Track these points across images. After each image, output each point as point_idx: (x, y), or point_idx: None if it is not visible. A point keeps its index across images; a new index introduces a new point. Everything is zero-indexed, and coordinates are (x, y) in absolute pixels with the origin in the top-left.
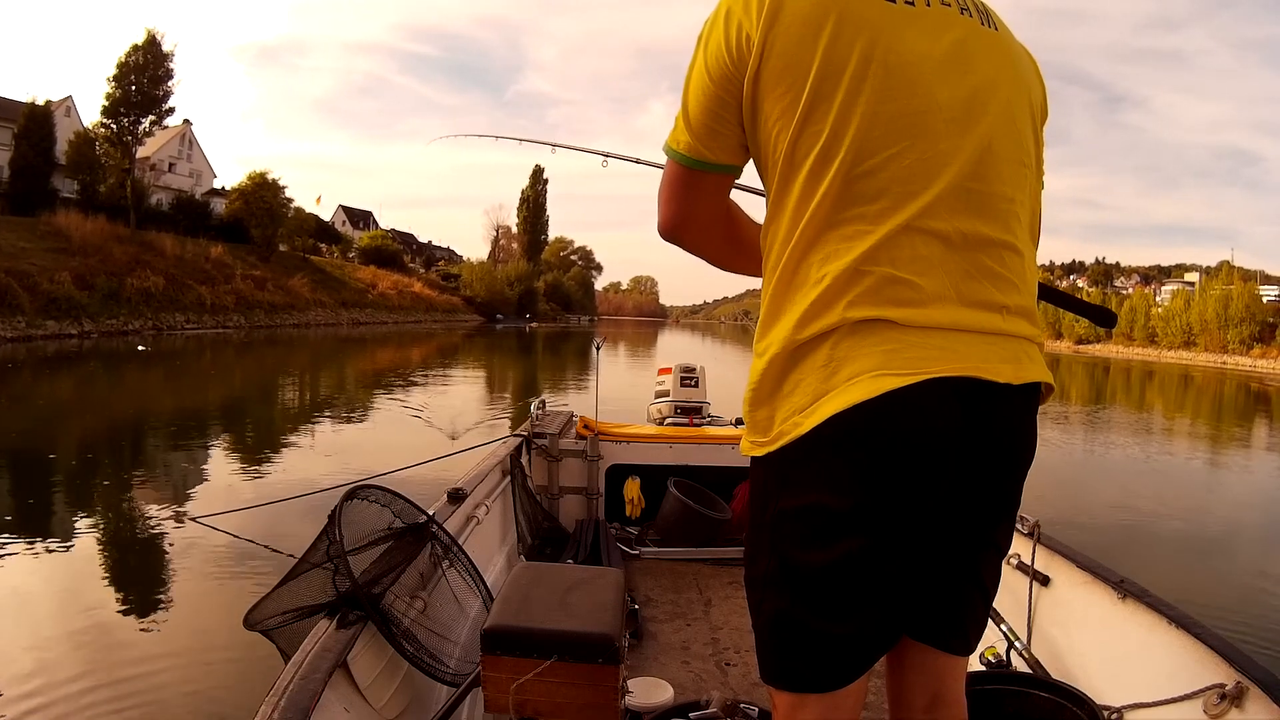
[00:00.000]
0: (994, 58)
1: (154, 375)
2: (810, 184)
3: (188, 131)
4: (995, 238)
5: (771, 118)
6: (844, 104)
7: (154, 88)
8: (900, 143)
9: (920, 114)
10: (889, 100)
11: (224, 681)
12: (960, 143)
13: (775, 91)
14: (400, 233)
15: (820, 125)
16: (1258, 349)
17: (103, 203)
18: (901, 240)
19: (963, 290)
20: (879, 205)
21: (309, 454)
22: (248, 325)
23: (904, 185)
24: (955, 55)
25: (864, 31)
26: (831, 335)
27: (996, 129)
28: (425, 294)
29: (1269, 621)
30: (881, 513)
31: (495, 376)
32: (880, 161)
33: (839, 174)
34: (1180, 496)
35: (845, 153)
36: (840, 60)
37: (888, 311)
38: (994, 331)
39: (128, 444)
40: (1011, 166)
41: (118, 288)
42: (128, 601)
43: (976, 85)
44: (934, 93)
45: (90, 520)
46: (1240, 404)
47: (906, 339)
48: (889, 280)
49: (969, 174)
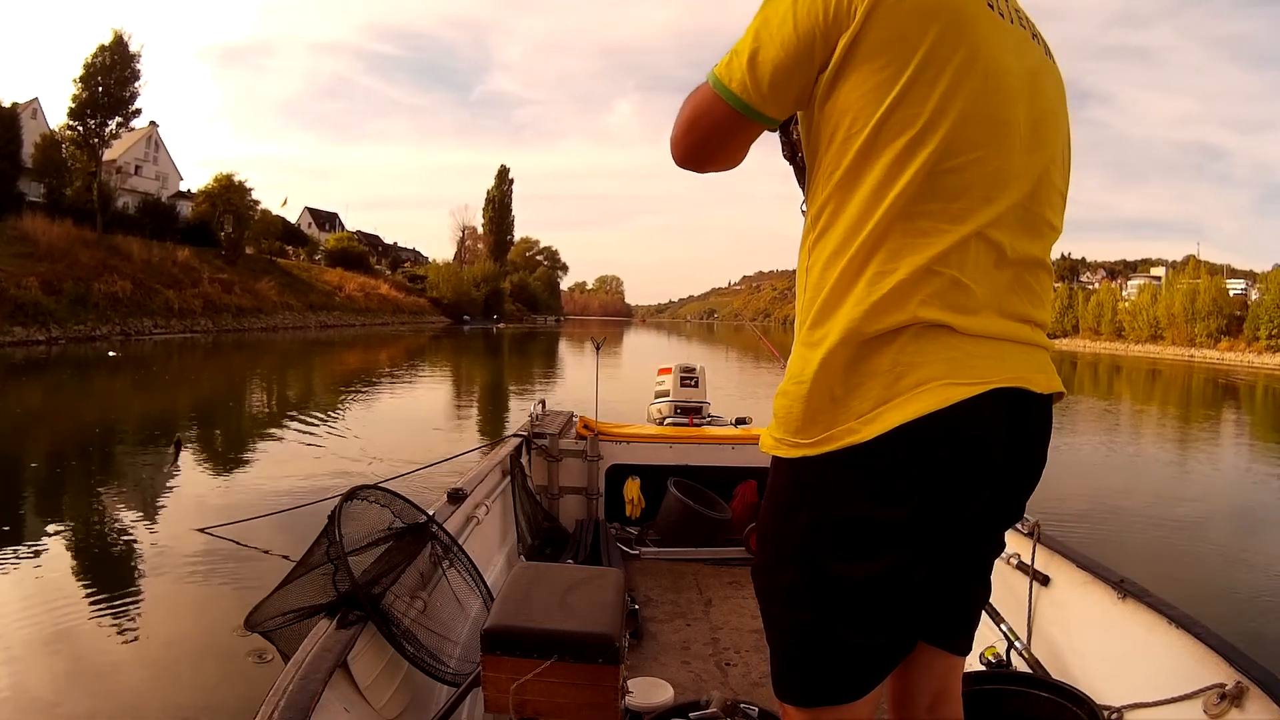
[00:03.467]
0: (1055, 88)
1: (131, 382)
2: (894, 169)
3: (154, 134)
4: (1038, 258)
5: (859, 90)
6: (945, 94)
7: (121, 89)
8: (986, 148)
9: (1005, 125)
10: (984, 104)
11: (224, 682)
12: (1029, 161)
13: (874, 63)
14: (366, 234)
15: (917, 110)
16: (1225, 342)
17: (69, 206)
18: (971, 246)
19: (1004, 303)
20: (958, 205)
21: (304, 459)
22: (215, 329)
23: (983, 191)
24: (1031, 78)
25: (972, 29)
26: (901, 334)
27: (1055, 156)
28: (392, 296)
29: (1269, 621)
30: (930, 525)
31: (472, 378)
32: (966, 162)
33: (926, 165)
34: (1173, 490)
35: (937, 144)
36: (948, 49)
37: (949, 316)
38: (1027, 342)
39: (120, 451)
40: (1057, 195)
41: (85, 293)
42: (128, 604)
43: (1045, 111)
44: (1017, 108)
45: (86, 527)
46: (1209, 395)
47: (966, 346)
48: (954, 284)
49: (1029, 194)
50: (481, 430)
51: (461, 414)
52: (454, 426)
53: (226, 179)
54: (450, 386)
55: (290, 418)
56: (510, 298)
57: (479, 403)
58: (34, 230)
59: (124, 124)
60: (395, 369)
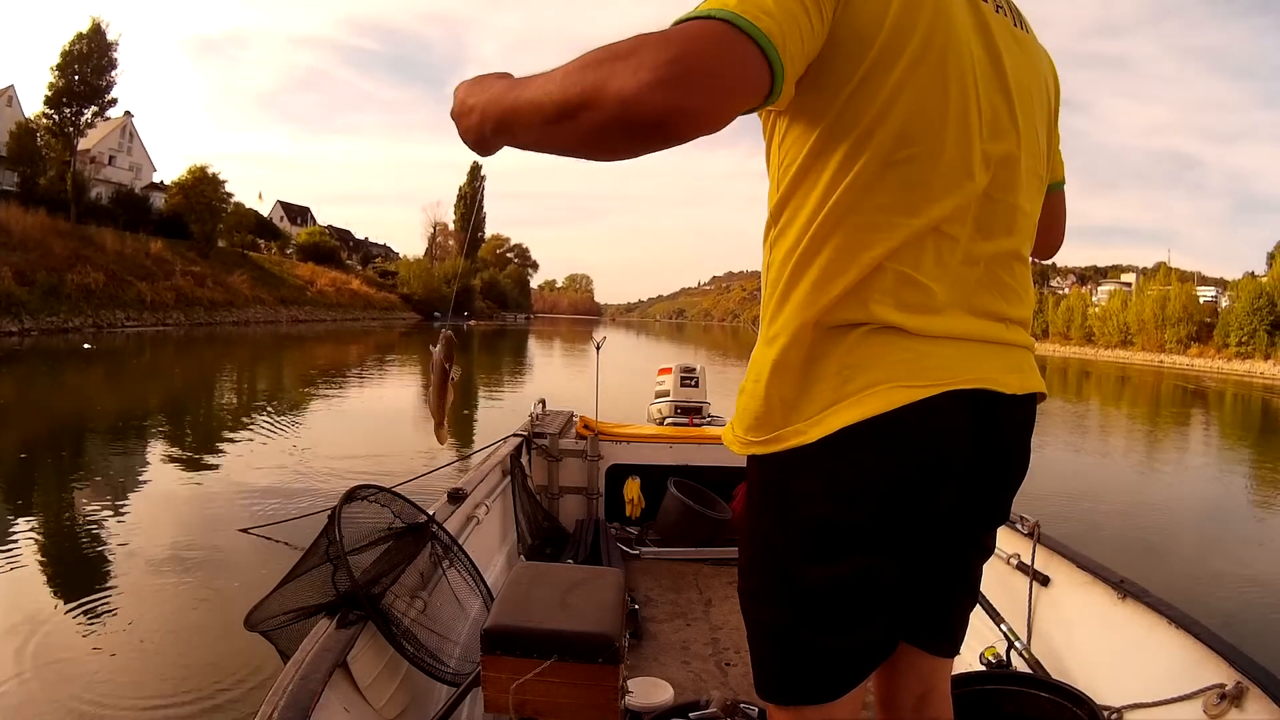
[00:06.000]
0: (1025, 63)
1: (113, 375)
2: (846, 162)
3: (128, 124)
4: (1009, 249)
5: (818, 79)
6: (898, 83)
7: (97, 78)
8: (940, 136)
9: (962, 113)
10: (939, 91)
11: (224, 682)
12: (991, 149)
13: (840, 50)
14: (337, 229)
15: (868, 101)
16: (1195, 348)
17: (42, 196)
18: (927, 242)
19: (973, 300)
20: (912, 198)
21: (301, 459)
22: (188, 323)
23: (940, 182)
24: (994, 57)
25: (930, 11)
26: (850, 334)
27: (1024, 140)
28: (363, 291)
29: (1269, 621)
30: (893, 527)
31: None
32: (918, 152)
33: (876, 157)
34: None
35: (887, 135)
36: (903, 36)
37: (902, 317)
38: (999, 341)
39: (119, 446)
40: (1030, 178)
41: (58, 284)
42: (129, 605)
43: (1010, 91)
44: (976, 93)
45: (88, 525)
46: (1178, 399)
47: (920, 348)
48: (908, 282)
49: (993, 182)
50: (463, 432)
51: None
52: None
53: (200, 171)
54: (418, 388)
55: (279, 414)
56: (481, 295)
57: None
58: (7, 219)
59: (100, 113)
60: (370, 365)
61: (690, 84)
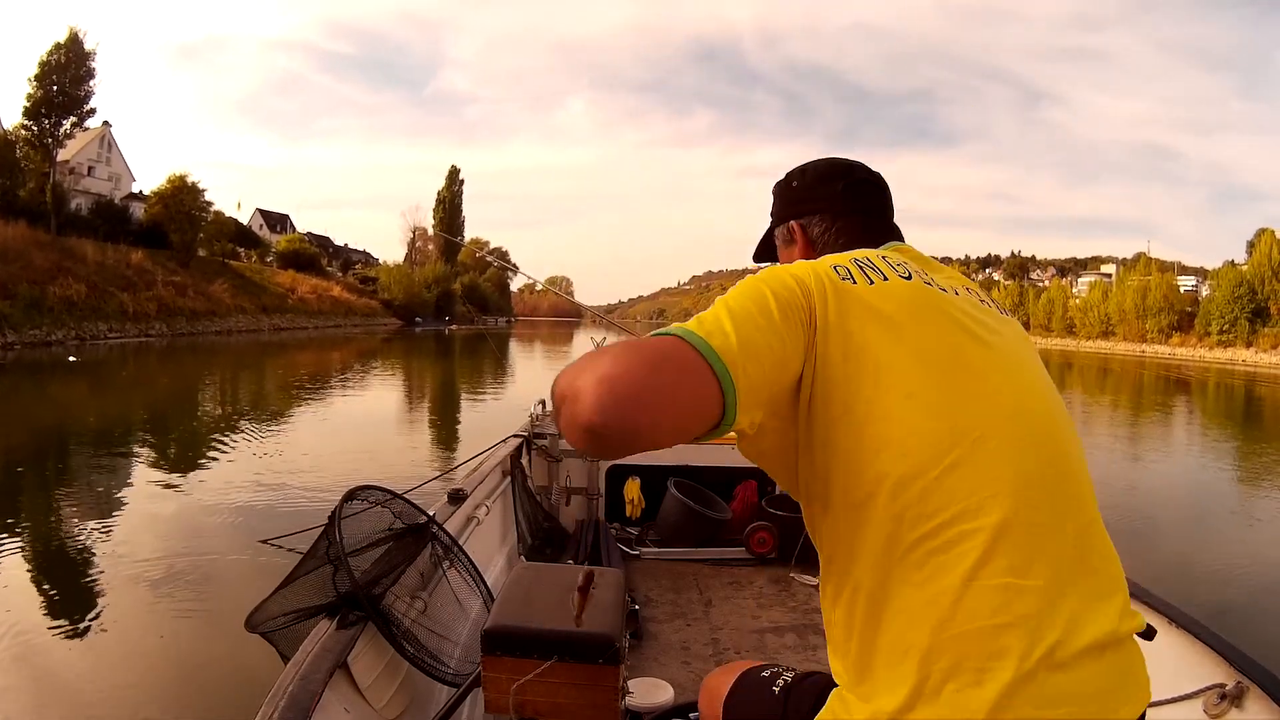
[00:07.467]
0: (1024, 352)
1: (103, 388)
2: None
3: (107, 134)
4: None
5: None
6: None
7: (76, 87)
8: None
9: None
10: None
11: (224, 683)
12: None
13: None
14: (317, 236)
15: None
16: (1176, 337)
17: (22, 208)
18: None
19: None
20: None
21: (299, 462)
22: (170, 333)
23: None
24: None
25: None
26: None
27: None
28: (344, 298)
29: (1269, 621)
30: None
31: (423, 380)
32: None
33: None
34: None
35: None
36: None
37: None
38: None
39: (110, 459)
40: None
41: (40, 296)
42: (129, 605)
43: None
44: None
45: (79, 535)
46: (1163, 389)
47: None
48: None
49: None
50: (454, 433)
51: (437, 416)
52: (425, 428)
53: (179, 180)
54: (404, 391)
55: (267, 421)
56: (462, 299)
57: (436, 404)
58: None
59: (79, 123)
60: (354, 372)
61: (629, 402)
